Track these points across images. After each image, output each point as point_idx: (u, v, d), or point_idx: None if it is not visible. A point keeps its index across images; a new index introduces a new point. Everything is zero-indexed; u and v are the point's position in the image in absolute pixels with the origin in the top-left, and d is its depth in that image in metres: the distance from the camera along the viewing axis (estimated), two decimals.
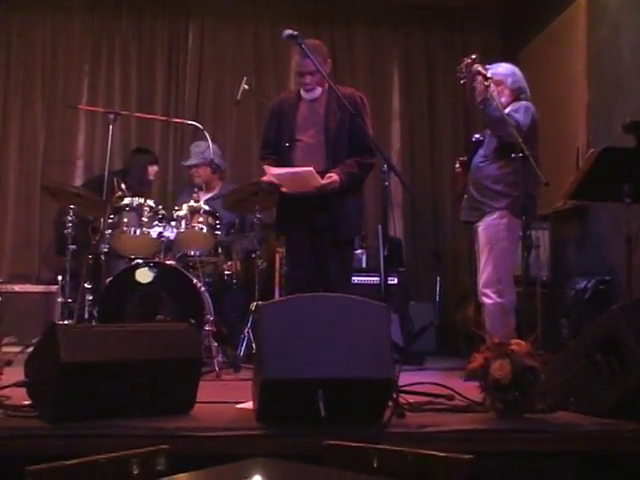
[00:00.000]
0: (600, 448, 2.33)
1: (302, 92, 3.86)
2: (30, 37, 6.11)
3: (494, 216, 3.85)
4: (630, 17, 4.52)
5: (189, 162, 5.18)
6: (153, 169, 5.39)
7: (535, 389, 2.45)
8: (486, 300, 3.84)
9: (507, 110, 3.81)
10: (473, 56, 3.89)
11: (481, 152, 3.97)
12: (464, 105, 4.16)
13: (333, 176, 3.66)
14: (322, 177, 3.70)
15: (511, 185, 3.78)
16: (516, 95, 3.94)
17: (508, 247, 3.83)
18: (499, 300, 3.78)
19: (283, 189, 3.77)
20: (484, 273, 3.85)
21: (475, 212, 3.95)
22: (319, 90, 3.82)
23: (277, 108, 3.95)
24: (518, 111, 3.81)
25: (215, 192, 5.08)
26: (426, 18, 6.50)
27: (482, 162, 3.95)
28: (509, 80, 3.95)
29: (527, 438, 2.32)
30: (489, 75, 3.85)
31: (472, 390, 2.62)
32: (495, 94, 3.81)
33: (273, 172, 3.79)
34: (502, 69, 3.99)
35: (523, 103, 3.89)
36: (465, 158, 4.08)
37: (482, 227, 3.90)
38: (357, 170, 3.75)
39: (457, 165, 4.15)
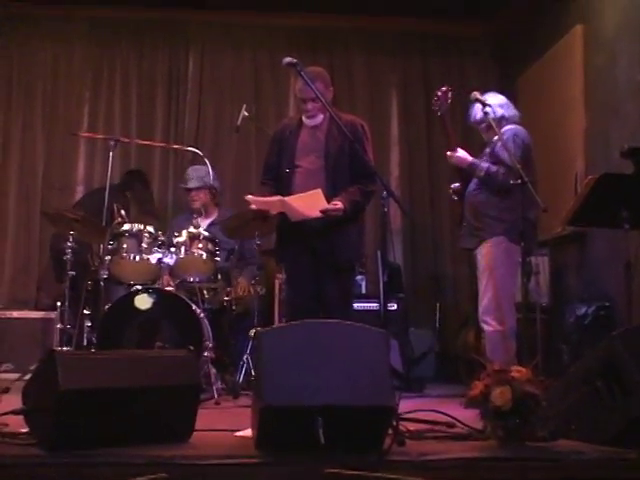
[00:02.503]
0: (602, 476, 2.30)
1: (304, 118, 3.84)
2: (31, 64, 6.17)
3: (492, 242, 3.85)
4: (625, 45, 4.57)
5: (190, 185, 5.01)
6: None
7: (536, 416, 2.44)
8: (486, 327, 3.83)
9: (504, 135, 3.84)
10: (443, 88, 3.98)
11: (475, 179, 3.98)
12: (447, 135, 4.13)
13: (338, 204, 3.64)
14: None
15: (506, 210, 3.80)
16: (499, 124, 3.94)
17: (507, 273, 3.83)
18: (499, 327, 3.77)
19: (289, 216, 3.72)
20: (484, 299, 3.85)
21: (473, 239, 3.96)
22: (321, 117, 3.80)
23: (279, 134, 3.94)
24: (508, 141, 3.81)
25: (214, 218, 5.04)
26: (424, 45, 6.56)
27: (476, 190, 3.96)
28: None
29: (528, 466, 2.29)
30: (488, 102, 3.89)
31: (473, 417, 2.61)
32: (484, 126, 3.93)
33: (266, 200, 3.77)
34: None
35: (511, 130, 3.90)
36: (458, 185, 4.09)
37: (481, 253, 3.90)
38: (360, 198, 3.74)
39: (451, 191, 4.16)
